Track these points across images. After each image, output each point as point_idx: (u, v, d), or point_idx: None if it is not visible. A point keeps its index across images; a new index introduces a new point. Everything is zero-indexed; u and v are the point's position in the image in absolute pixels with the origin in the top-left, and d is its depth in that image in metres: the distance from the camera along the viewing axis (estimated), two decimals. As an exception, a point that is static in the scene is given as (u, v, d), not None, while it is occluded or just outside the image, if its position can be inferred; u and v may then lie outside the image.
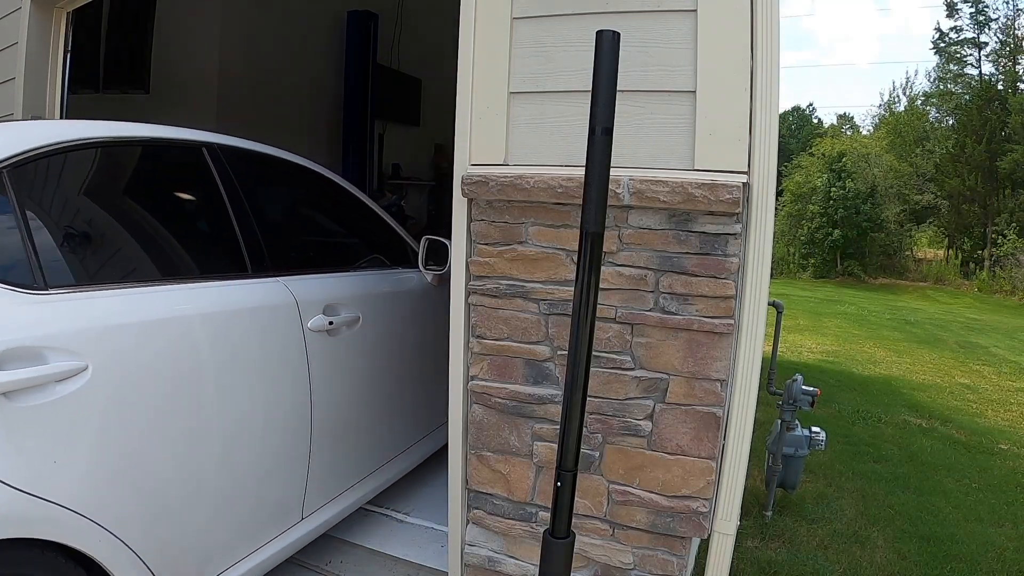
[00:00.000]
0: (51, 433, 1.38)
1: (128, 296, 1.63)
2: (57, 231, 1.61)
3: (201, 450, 1.73)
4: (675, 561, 1.90)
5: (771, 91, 1.70)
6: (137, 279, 1.73)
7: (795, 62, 58.89)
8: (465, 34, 1.96)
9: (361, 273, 2.56)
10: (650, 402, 1.86)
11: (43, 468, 1.36)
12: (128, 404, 1.54)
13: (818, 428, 3.06)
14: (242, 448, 1.87)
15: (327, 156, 6.63)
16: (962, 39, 21.02)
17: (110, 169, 1.87)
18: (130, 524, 1.53)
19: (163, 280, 1.77)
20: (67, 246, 1.62)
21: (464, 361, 2.07)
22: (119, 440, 1.52)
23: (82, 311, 1.50)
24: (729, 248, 1.75)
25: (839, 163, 19.84)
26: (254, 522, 1.94)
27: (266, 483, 1.97)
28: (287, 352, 2.03)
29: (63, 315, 1.46)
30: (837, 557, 2.68)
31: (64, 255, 1.59)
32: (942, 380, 6.43)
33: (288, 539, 2.06)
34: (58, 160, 1.63)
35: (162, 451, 1.63)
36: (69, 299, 1.49)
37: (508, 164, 1.95)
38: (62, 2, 3.18)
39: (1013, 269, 16.12)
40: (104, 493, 1.48)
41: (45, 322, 1.41)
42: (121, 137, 1.86)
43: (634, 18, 1.78)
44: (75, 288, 1.53)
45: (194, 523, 1.73)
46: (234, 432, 1.84)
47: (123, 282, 1.67)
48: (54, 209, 1.64)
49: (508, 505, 2.06)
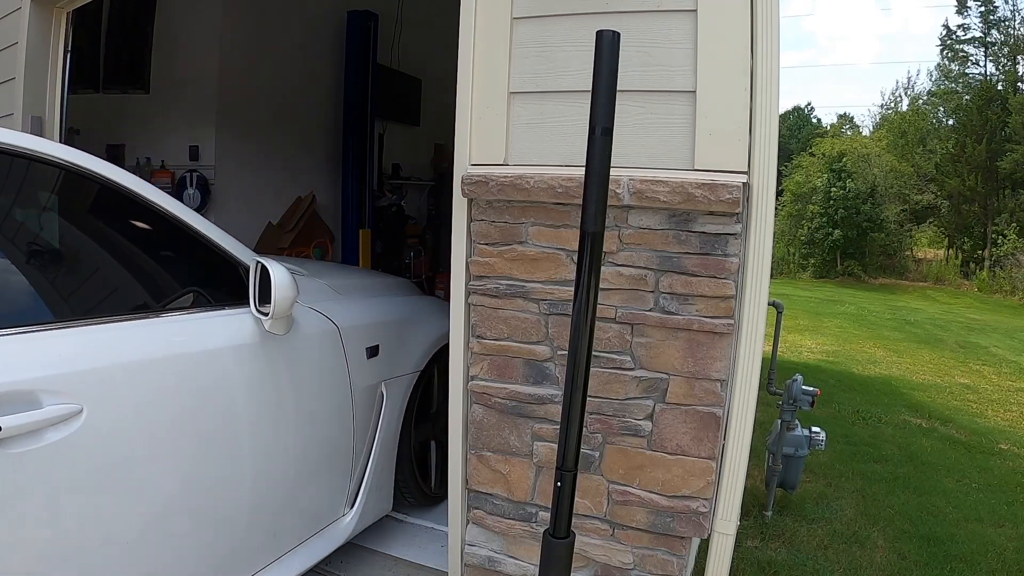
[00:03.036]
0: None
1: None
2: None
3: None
4: (675, 561, 1.90)
5: (771, 91, 1.70)
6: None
7: (795, 62, 58.86)
8: (465, 34, 1.96)
9: (118, 324, 1.57)
10: (650, 402, 1.86)
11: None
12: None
13: (818, 428, 3.06)
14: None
15: (327, 156, 6.64)
16: (969, 37, 21.02)
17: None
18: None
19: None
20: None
21: (464, 361, 2.07)
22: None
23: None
24: (729, 248, 1.75)
25: (839, 163, 19.85)
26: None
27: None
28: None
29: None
30: (837, 557, 2.68)
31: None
32: (942, 380, 6.43)
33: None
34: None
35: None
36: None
37: (508, 164, 1.96)
38: (62, 2, 3.18)
39: (1013, 269, 16.12)
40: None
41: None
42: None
43: (634, 18, 1.78)
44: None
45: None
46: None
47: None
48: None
49: (508, 505, 2.06)
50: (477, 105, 1.97)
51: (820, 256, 19.72)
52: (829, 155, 20.74)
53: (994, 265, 17.30)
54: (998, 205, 18.28)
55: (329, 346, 2.13)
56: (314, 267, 2.71)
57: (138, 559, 1.57)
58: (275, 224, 6.05)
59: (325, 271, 2.69)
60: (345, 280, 2.55)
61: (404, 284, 3.09)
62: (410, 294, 2.93)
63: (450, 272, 2.07)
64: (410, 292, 2.98)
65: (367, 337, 2.29)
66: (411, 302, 2.79)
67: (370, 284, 2.74)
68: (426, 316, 2.73)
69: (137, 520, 1.56)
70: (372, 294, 2.58)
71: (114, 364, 1.50)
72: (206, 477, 1.71)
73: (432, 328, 2.67)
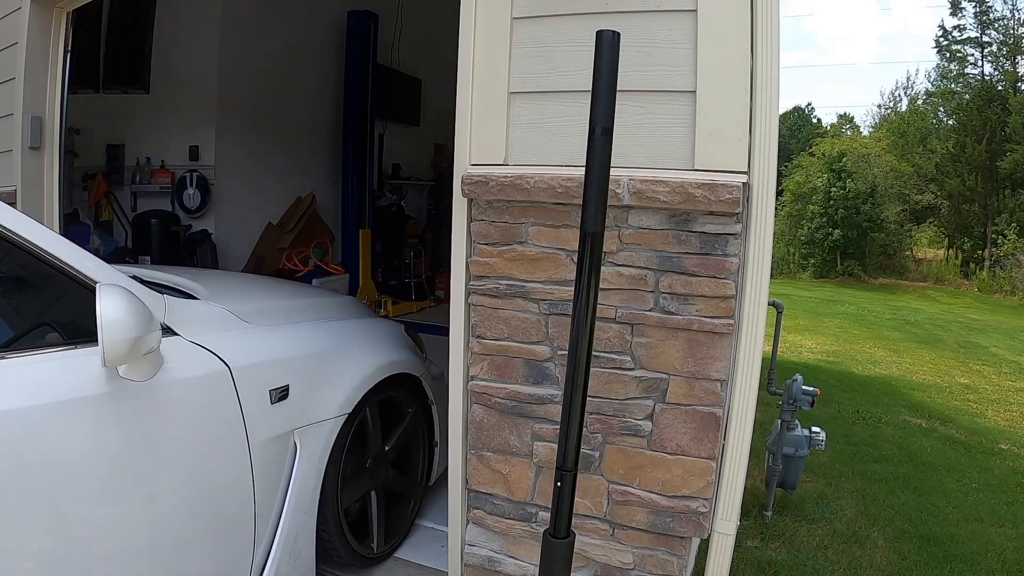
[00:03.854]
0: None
1: None
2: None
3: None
4: (675, 561, 1.90)
5: (771, 91, 1.70)
6: None
7: (795, 62, 58.88)
8: (465, 34, 1.96)
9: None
10: (650, 402, 1.86)
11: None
12: None
13: (818, 428, 3.06)
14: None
15: (327, 156, 6.64)
16: (965, 38, 21.02)
17: None
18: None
19: None
20: None
21: (464, 361, 2.07)
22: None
23: None
24: (729, 248, 1.75)
25: (839, 163, 19.85)
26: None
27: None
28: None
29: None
30: (837, 557, 2.68)
31: None
32: (942, 380, 6.43)
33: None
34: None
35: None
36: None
37: (508, 164, 1.95)
38: (62, 2, 3.18)
39: (1013, 269, 16.12)
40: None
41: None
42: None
43: (634, 18, 1.78)
44: None
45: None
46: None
47: None
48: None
49: (508, 505, 2.06)
50: (477, 105, 1.97)
51: (820, 256, 19.73)
52: (829, 155, 20.75)
53: (994, 265, 17.30)
54: (998, 205, 18.28)
55: (215, 391, 1.72)
56: (228, 284, 2.37)
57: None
58: (275, 224, 6.05)
59: (240, 291, 2.31)
60: (261, 303, 2.14)
61: (346, 305, 2.63)
62: (350, 317, 2.49)
63: (450, 272, 2.07)
64: (352, 314, 2.54)
65: (273, 376, 1.89)
66: (346, 328, 2.37)
67: (297, 307, 2.29)
68: (364, 344, 2.34)
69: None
70: (293, 319, 2.17)
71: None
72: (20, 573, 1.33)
73: (369, 359, 2.29)
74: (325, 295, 2.72)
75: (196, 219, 5.49)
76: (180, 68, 5.33)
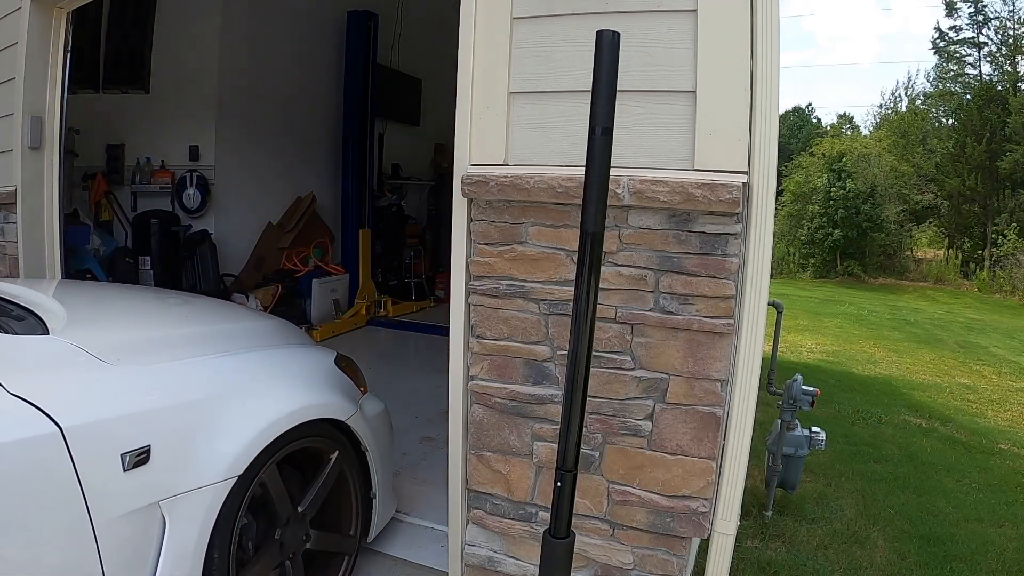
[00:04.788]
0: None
1: None
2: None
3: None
4: (675, 561, 1.90)
5: (771, 91, 1.70)
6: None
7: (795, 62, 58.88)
8: (465, 34, 1.96)
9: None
10: (650, 402, 1.86)
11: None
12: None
13: (818, 428, 3.06)
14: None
15: (327, 156, 6.64)
16: (961, 39, 21.02)
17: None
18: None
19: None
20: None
21: (464, 361, 2.07)
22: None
23: None
24: (729, 248, 1.75)
25: (839, 163, 19.85)
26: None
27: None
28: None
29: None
30: (837, 557, 2.68)
31: None
32: (942, 380, 6.43)
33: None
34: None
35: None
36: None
37: (508, 164, 1.96)
38: (62, 2, 3.19)
39: (1013, 269, 16.10)
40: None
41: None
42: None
43: (634, 18, 1.78)
44: None
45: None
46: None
47: None
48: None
49: (508, 505, 2.06)
50: (477, 105, 1.97)
51: (820, 256, 19.72)
52: (829, 155, 20.74)
53: (994, 265, 17.29)
54: (998, 205, 18.27)
55: (38, 460, 1.36)
56: (105, 307, 1.99)
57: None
58: (275, 224, 6.05)
59: (115, 316, 1.93)
60: (134, 334, 1.77)
61: (267, 331, 2.20)
62: (267, 347, 2.07)
63: (450, 272, 2.07)
64: (272, 343, 2.12)
65: (128, 435, 1.50)
66: (250, 363, 1.93)
67: (191, 337, 1.89)
68: (272, 385, 1.90)
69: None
70: (177, 355, 1.75)
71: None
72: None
73: (272, 404, 1.83)
74: (243, 318, 2.31)
75: (196, 219, 5.50)
76: (180, 68, 5.34)
